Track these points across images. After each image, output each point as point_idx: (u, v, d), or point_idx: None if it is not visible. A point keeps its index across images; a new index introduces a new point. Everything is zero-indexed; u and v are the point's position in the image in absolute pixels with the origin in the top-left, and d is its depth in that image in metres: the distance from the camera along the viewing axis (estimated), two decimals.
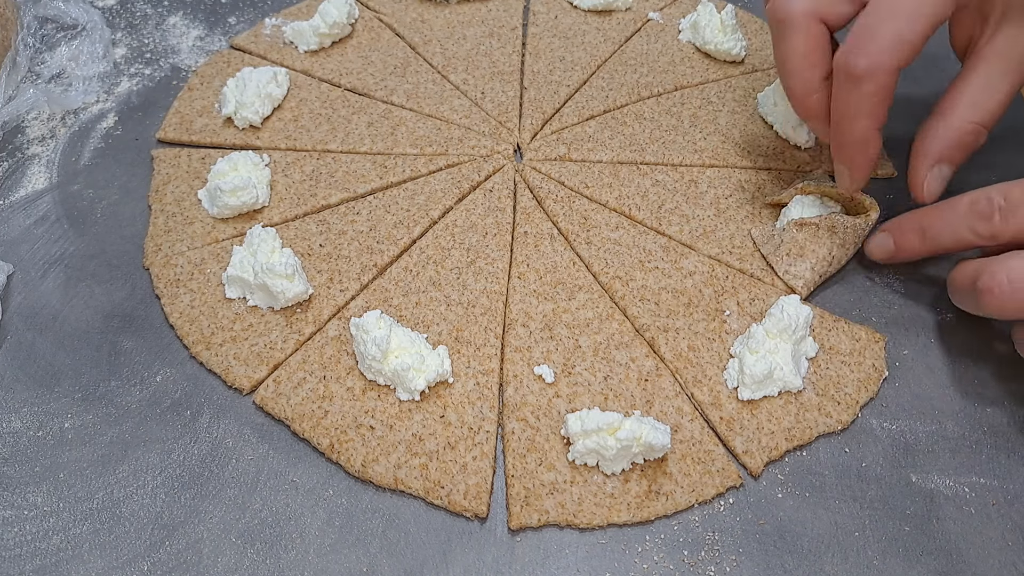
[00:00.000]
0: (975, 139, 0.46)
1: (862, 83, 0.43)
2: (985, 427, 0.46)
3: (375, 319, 0.46)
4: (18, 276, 0.53)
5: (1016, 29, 0.44)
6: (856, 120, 0.44)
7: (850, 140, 0.46)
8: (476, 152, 0.59)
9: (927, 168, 0.47)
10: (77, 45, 0.66)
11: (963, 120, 0.45)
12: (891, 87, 0.43)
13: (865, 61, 0.42)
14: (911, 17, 0.42)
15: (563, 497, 0.43)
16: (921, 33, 0.42)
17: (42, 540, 0.42)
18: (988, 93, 0.45)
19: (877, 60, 0.42)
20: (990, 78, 0.45)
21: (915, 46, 0.42)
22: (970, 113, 0.45)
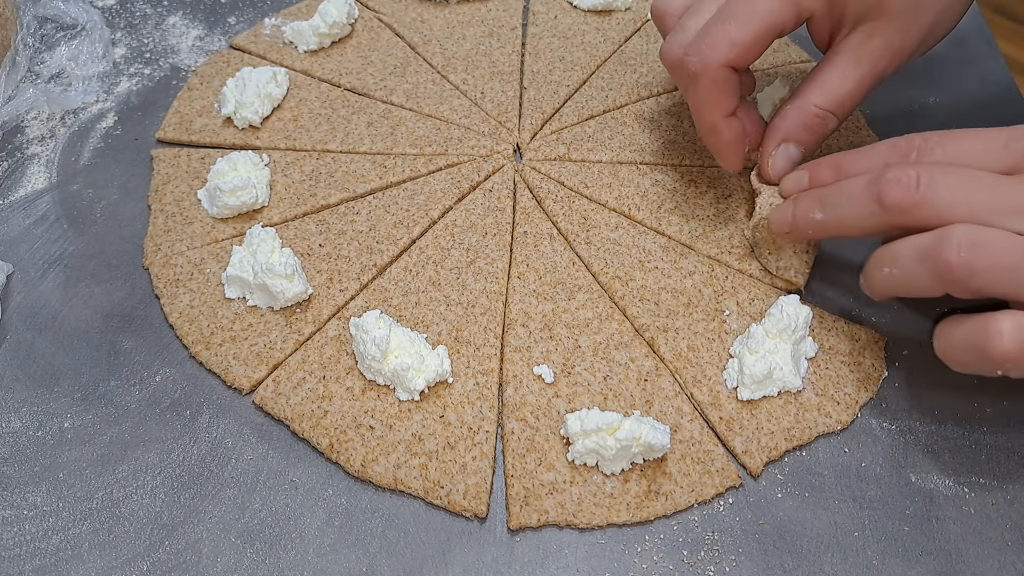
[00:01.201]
0: (822, 123, 0.48)
1: (697, 80, 0.47)
2: (985, 427, 0.46)
3: (375, 319, 0.46)
4: (18, 276, 0.53)
5: (869, 28, 0.47)
6: (703, 112, 0.49)
7: (703, 129, 0.50)
8: (476, 152, 0.59)
9: (773, 145, 0.50)
10: (77, 45, 0.66)
11: (809, 103, 0.48)
12: (727, 82, 0.47)
13: (696, 59, 0.46)
14: (741, 22, 0.46)
15: (563, 497, 0.43)
16: (751, 37, 0.46)
17: (42, 540, 0.42)
18: (838, 82, 0.48)
19: (706, 59, 0.46)
20: (841, 69, 0.48)
21: (746, 48, 0.46)
22: (818, 97, 0.48)
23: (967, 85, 0.57)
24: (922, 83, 0.64)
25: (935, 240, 0.39)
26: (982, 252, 0.37)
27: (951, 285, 0.39)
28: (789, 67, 0.65)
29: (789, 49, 0.66)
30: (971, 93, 0.63)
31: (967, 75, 0.65)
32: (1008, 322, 0.37)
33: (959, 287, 0.38)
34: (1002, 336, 0.37)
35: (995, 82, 0.64)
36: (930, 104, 0.62)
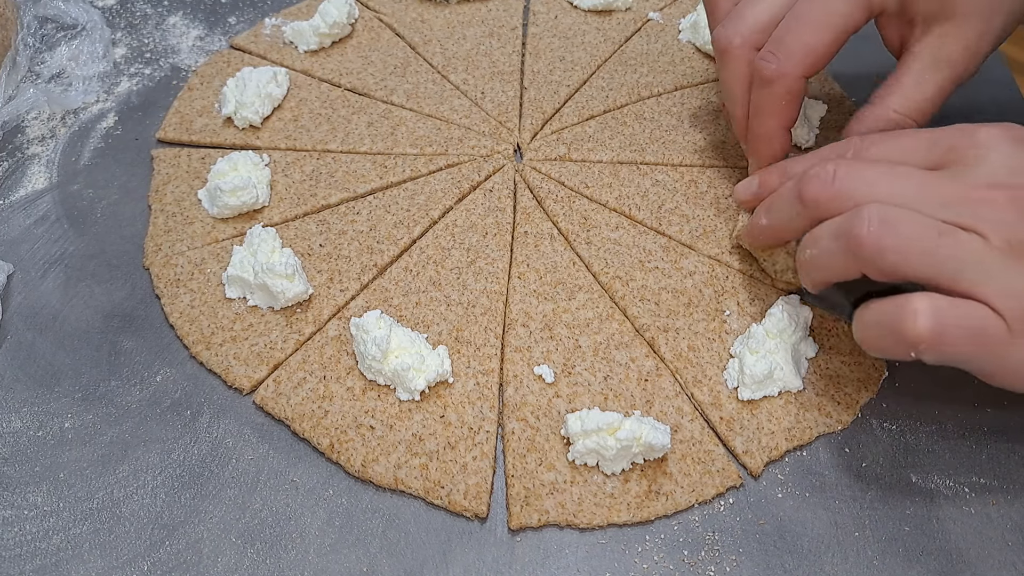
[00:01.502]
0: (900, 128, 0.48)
1: (772, 86, 0.47)
2: (985, 427, 0.46)
3: (375, 319, 0.46)
4: (18, 276, 0.53)
5: (942, 29, 0.46)
6: (765, 117, 0.49)
7: (759, 134, 0.50)
8: (476, 152, 0.59)
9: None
10: (77, 45, 0.66)
11: (889, 108, 0.47)
12: (798, 91, 0.47)
13: (774, 67, 0.46)
14: (817, 28, 0.45)
15: (563, 497, 0.43)
16: (827, 43, 0.46)
17: (42, 540, 0.42)
18: (916, 88, 0.47)
19: (784, 67, 0.46)
20: (919, 75, 0.47)
21: (821, 55, 0.46)
22: (897, 103, 0.47)
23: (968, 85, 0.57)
24: None
25: (848, 217, 0.39)
26: (892, 229, 0.37)
27: (864, 263, 0.38)
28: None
29: None
30: (971, 93, 0.63)
31: None
32: (924, 302, 0.36)
33: (871, 265, 0.38)
34: (916, 316, 0.36)
35: (995, 82, 0.64)
36: None
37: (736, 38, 0.48)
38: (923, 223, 0.37)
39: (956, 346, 0.36)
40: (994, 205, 0.37)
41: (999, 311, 0.35)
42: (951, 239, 0.37)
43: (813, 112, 0.59)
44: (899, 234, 0.37)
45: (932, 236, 0.37)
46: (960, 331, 0.36)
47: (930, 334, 0.36)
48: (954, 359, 0.37)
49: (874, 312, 0.39)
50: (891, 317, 0.37)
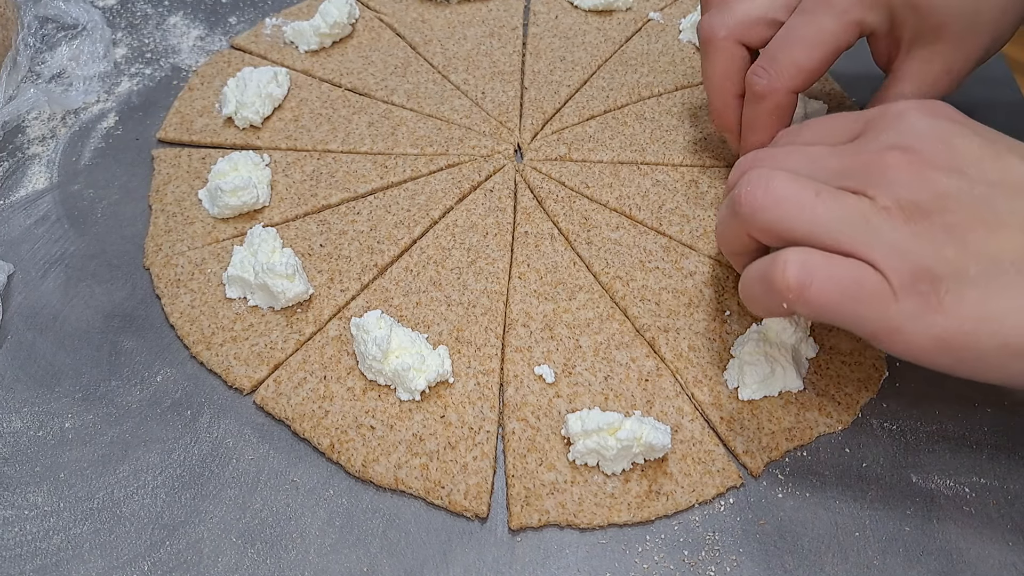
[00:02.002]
0: None
1: (763, 101, 0.48)
2: (985, 427, 0.46)
3: (375, 319, 0.46)
4: (18, 276, 0.53)
5: (928, 52, 0.47)
6: (756, 131, 0.50)
7: (752, 144, 0.50)
8: (477, 152, 0.59)
9: None
10: (77, 45, 0.66)
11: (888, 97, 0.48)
12: (787, 105, 0.48)
13: (765, 82, 0.47)
14: (809, 46, 0.46)
15: (563, 497, 0.43)
16: (818, 60, 0.46)
17: (42, 540, 0.42)
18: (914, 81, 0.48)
19: (774, 83, 0.47)
20: (902, 95, 0.48)
21: (811, 72, 0.47)
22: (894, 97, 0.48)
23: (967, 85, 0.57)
24: None
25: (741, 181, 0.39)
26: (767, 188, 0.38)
27: (742, 222, 0.39)
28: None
29: None
30: (971, 93, 0.63)
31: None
32: (794, 254, 0.36)
33: (749, 224, 0.39)
34: (785, 266, 0.36)
35: (995, 82, 0.64)
36: None
37: (721, 30, 0.49)
38: (801, 183, 0.37)
39: (825, 299, 0.35)
40: (887, 167, 0.36)
41: (882, 270, 0.35)
42: (830, 198, 0.37)
43: (813, 112, 0.59)
44: (773, 191, 0.37)
45: (809, 195, 0.37)
46: (831, 284, 0.35)
47: (797, 283, 0.35)
48: (831, 316, 0.36)
49: (753, 266, 0.39)
50: (764, 267, 0.37)
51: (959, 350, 0.34)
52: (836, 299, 0.35)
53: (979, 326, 0.33)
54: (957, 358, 0.35)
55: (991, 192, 0.35)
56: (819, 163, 0.39)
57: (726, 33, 0.49)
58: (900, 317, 0.35)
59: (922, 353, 0.35)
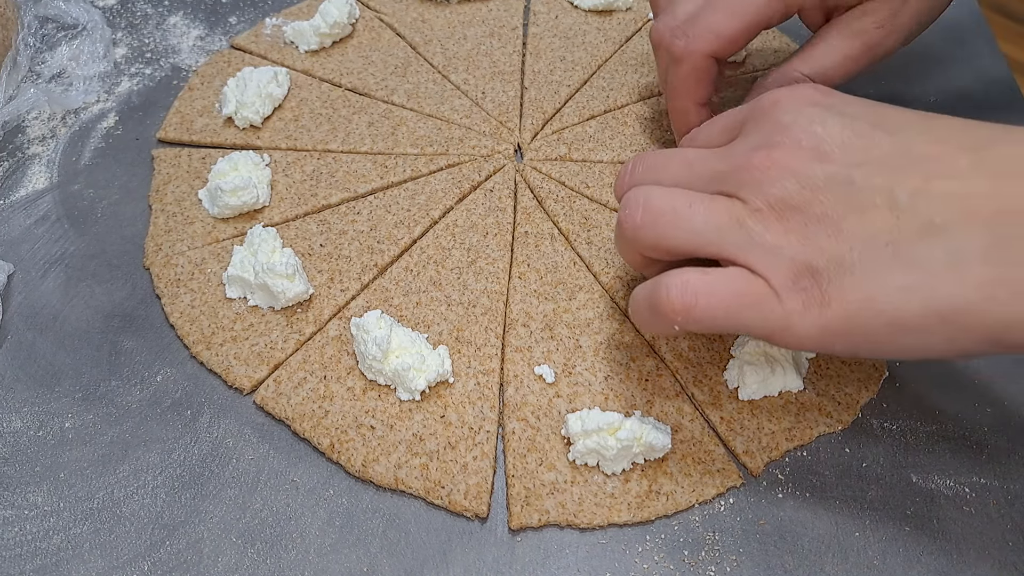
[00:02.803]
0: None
1: (680, 64, 0.49)
2: (985, 427, 0.46)
3: (375, 319, 0.46)
4: (18, 276, 0.53)
5: (859, 10, 0.48)
6: (678, 94, 0.50)
7: (674, 110, 0.52)
8: (477, 152, 0.59)
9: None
10: (78, 45, 0.66)
11: (792, 69, 0.49)
12: (706, 70, 0.49)
13: (681, 44, 0.48)
14: (729, 14, 0.47)
15: (563, 497, 0.43)
16: (737, 28, 0.47)
17: (42, 540, 0.42)
18: (824, 53, 0.48)
19: (692, 46, 0.48)
20: (829, 41, 0.48)
21: (729, 38, 0.47)
22: (801, 65, 0.49)
23: (968, 85, 0.57)
24: (922, 83, 0.64)
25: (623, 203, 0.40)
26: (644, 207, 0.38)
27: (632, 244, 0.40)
28: None
29: (790, 49, 0.66)
30: (972, 93, 0.63)
31: (967, 75, 0.65)
32: (674, 277, 0.37)
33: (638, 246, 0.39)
34: (668, 291, 0.36)
35: (995, 82, 0.64)
36: (931, 104, 0.62)
37: (667, 33, 0.50)
38: (674, 196, 0.38)
39: (712, 314, 0.36)
40: (754, 168, 0.36)
41: (761, 273, 0.35)
42: (703, 207, 0.37)
43: None
44: (650, 210, 0.38)
45: (683, 207, 0.37)
46: (715, 300, 0.36)
47: (682, 306, 0.36)
48: (721, 327, 0.37)
49: (638, 292, 0.39)
50: (649, 294, 0.38)
51: (848, 335, 0.34)
52: (723, 313, 0.36)
53: (863, 309, 0.34)
54: (849, 342, 0.35)
55: (857, 173, 0.35)
56: (696, 169, 0.40)
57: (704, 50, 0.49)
58: (787, 316, 0.35)
59: (814, 344, 0.35)
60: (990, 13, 0.75)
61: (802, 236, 0.35)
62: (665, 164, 0.42)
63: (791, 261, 0.35)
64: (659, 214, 0.38)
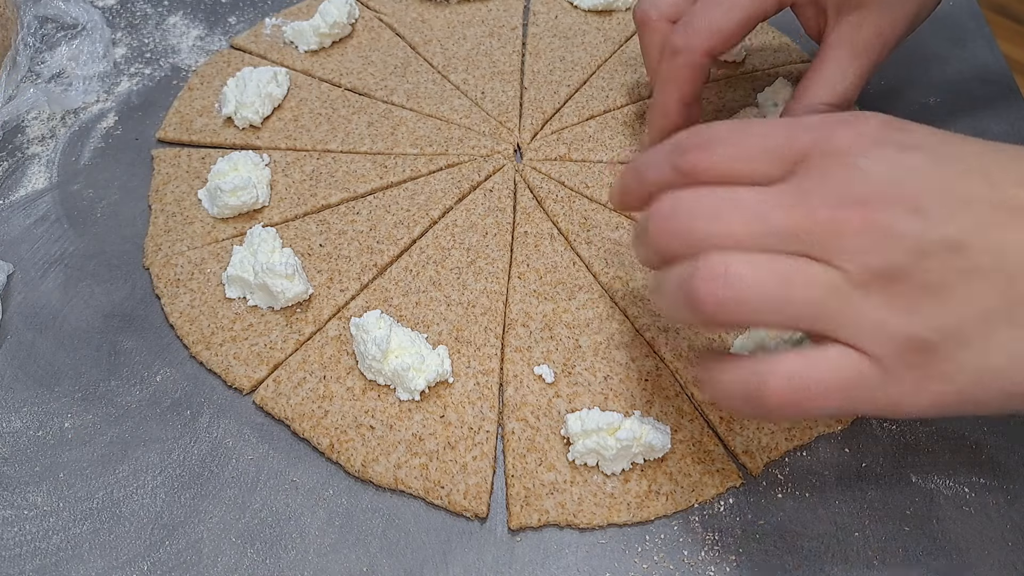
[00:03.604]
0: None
1: (677, 57, 0.49)
2: (985, 427, 0.46)
3: (375, 319, 0.46)
4: (18, 276, 0.53)
5: (854, 18, 0.48)
6: (668, 86, 0.50)
7: (659, 103, 0.51)
8: (476, 152, 0.59)
9: None
10: (77, 45, 0.66)
11: (817, 100, 0.49)
12: (701, 67, 0.49)
13: (682, 40, 0.48)
14: (727, 10, 0.47)
15: (563, 497, 0.43)
16: (735, 24, 0.48)
17: (42, 540, 0.42)
18: (839, 77, 0.48)
19: (691, 41, 0.48)
20: (840, 63, 0.48)
21: (727, 35, 0.48)
22: (823, 94, 0.49)
23: (967, 85, 0.57)
24: (922, 84, 0.64)
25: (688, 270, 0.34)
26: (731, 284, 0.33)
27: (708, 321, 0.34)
28: (790, 67, 0.65)
29: (790, 49, 0.66)
30: (971, 93, 0.63)
31: (967, 75, 0.65)
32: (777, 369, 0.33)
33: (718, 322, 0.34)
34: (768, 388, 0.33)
35: (995, 82, 0.64)
36: (930, 104, 0.62)
37: (653, 11, 0.51)
38: (767, 270, 0.33)
39: (823, 403, 0.33)
40: (846, 231, 0.32)
41: (866, 351, 0.32)
42: (801, 281, 0.32)
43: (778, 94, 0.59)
44: (733, 286, 0.32)
45: (780, 284, 0.32)
46: (823, 387, 0.32)
47: (789, 403, 0.33)
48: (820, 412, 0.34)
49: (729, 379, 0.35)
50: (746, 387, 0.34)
51: (960, 406, 0.32)
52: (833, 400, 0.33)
53: (978, 384, 0.31)
54: (958, 411, 0.33)
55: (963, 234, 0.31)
56: (764, 222, 0.33)
57: (658, 14, 0.51)
58: (899, 397, 0.32)
59: (922, 415, 0.33)
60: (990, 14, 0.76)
61: (909, 308, 0.31)
62: (718, 209, 0.34)
63: (899, 336, 0.31)
64: (747, 291, 0.32)
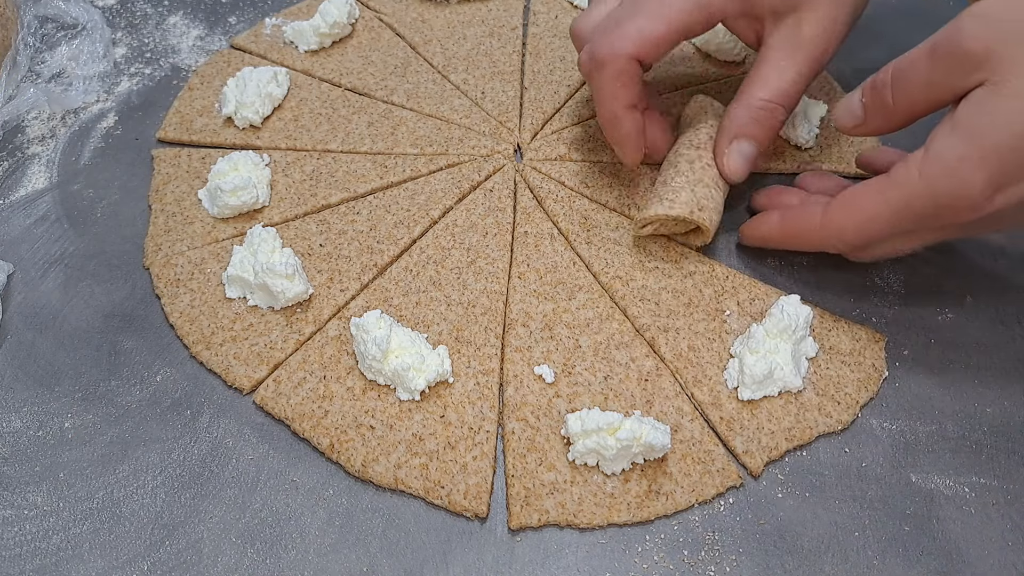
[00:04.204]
0: (770, 115, 0.49)
1: (603, 68, 0.48)
2: (985, 427, 0.46)
3: (375, 319, 0.46)
4: (18, 276, 0.53)
5: (792, 19, 0.49)
6: (605, 100, 0.50)
7: (605, 118, 0.51)
8: (476, 152, 0.59)
9: (726, 144, 0.51)
10: (77, 44, 0.66)
11: (754, 98, 0.49)
12: (631, 73, 0.48)
13: (605, 49, 0.48)
14: (651, 17, 0.47)
15: (563, 497, 0.43)
16: (659, 33, 0.47)
17: (42, 540, 0.42)
18: (777, 74, 0.49)
19: (615, 48, 0.48)
20: (777, 62, 0.49)
21: (653, 42, 0.48)
22: (761, 91, 0.49)
23: None
24: None
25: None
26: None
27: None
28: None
29: None
30: None
31: None
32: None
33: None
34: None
35: None
36: None
37: (588, 26, 0.51)
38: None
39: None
40: None
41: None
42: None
43: (813, 112, 0.59)
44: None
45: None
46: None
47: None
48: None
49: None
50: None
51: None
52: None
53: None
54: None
55: None
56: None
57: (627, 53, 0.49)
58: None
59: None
60: None
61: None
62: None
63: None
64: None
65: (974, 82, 0.39)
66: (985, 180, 0.39)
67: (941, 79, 0.40)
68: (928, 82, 0.41)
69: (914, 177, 0.41)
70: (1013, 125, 0.38)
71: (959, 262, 0.53)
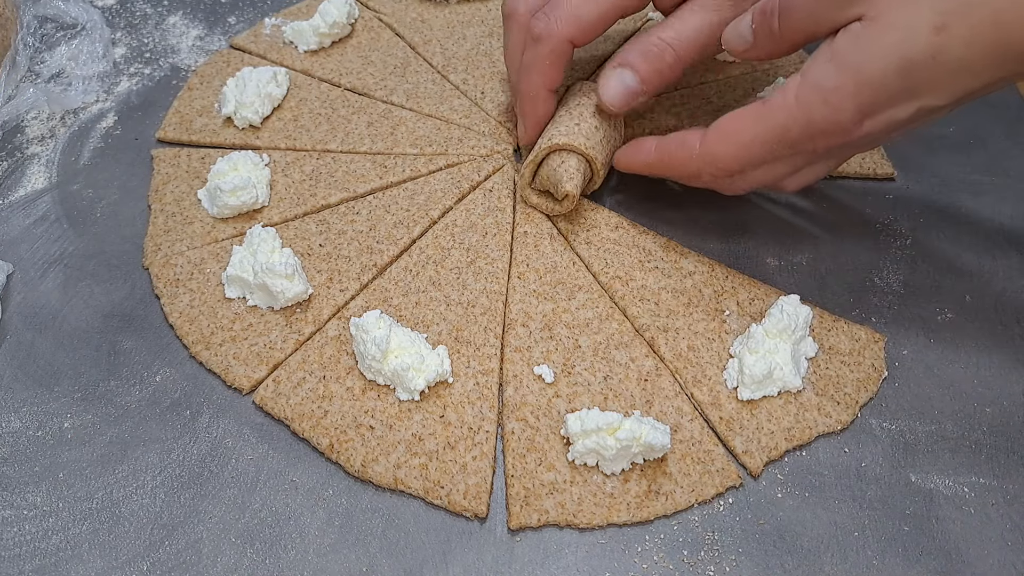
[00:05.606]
0: (658, 54, 0.50)
1: (539, 44, 0.50)
2: (985, 427, 0.46)
3: (375, 319, 0.46)
4: (18, 276, 0.53)
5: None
6: (532, 75, 0.52)
7: (525, 92, 0.53)
8: (476, 152, 0.59)
9: (611, 68, 0.51)
10: (77, 44, 0.66)
11: (651, 35, 0.50)
12: (563, 53, 0.51)
13: (543, 25, 0.50)
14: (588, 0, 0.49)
15: (563, 497, 0.43)
16: (596, 14, 0.49)
17: (41, 540, 0.42)
18: (682, 22, 0.50)
19: (552, 27, 0.49)
20: (686, 15, 0.50)
21: (589, 23, 0.50)
22: (658, 31, 0.50)
23: None
24: None
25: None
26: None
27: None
28: (789, 67, 0.65)
29: None
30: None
31: None
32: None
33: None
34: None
35: None
36: None
37: (521, 5, 0.52)
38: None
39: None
40: None
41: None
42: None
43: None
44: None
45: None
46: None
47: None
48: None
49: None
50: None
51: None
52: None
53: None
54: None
55: None
56: None
57: (525, 8, 0.52)
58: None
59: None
60: None
61: None
62: None
63: None
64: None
65: (853, 15, 0.41)
66: (855, 108, 0.41)
67: (823, 11, 0.42)
68: (811, 13, 0.43)
69: (791, 103, 0.43)
70: (885, 59, 0.40)
71: (959, 262, 0.54)
